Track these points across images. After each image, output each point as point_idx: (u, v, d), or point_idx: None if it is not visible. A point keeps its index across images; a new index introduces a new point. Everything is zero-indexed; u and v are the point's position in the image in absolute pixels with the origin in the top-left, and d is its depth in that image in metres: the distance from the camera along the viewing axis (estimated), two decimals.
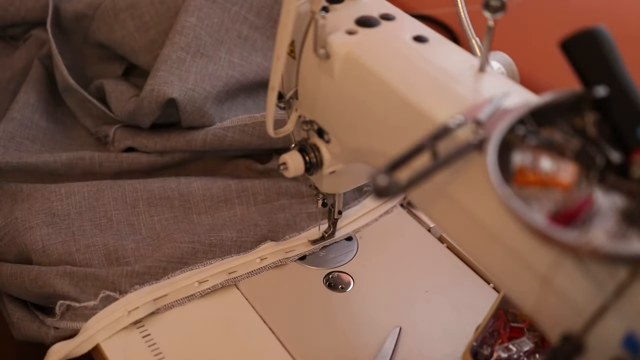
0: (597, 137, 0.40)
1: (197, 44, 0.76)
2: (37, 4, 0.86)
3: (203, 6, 0.77)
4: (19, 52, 0.87)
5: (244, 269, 0.66)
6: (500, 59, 0.57)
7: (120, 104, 0.77)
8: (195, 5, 0.77)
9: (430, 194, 0.46)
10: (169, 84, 0.73)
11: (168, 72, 0.74)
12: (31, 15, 0.86)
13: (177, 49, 0.75)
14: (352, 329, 0.63)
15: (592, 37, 0.41)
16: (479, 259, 0.46)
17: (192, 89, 0.74)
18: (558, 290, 0.37)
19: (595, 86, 0.40)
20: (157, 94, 0.72)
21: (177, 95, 0.73)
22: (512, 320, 0.56)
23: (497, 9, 0.43)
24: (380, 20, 0.53)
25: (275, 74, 0.54)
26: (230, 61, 0.79)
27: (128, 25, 0.79)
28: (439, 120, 0.44)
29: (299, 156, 0.59)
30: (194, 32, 0.76)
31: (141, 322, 0.61)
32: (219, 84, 0.77)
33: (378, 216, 0.74)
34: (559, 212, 0.36)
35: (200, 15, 0.77)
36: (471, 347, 0.56)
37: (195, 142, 0.75)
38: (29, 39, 0.88)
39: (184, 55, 0.75)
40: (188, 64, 0.75)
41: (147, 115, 0.75)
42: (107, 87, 0.79)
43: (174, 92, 0.73)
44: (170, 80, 0.73)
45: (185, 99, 0.74)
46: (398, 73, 0.49)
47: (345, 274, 0.68)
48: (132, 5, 0.79)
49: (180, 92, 0.73)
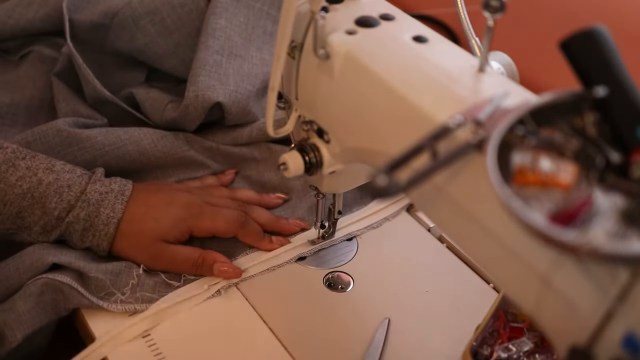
0: (597, 137, 0.39)
1: (230, 45, 0.77)
2: (37, 15, 0.83)
3: (229, 6, 0.77)
4: (22, 70, 0.83)
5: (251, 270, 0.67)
6: (500, 59, 0.57)
7: (157, 111, 0.76)
8: (222, 6, 0.77)
9: (430, 194, 0.46)
10: (212, 89, 0.73)
11: (208, 76, 0.74)
12: (31, 26, 0.83)
13: (212, 53, 0.75)
14: (351, 329, 0.63)
15: (592, 37, 0.41)
16: (479, 259, 0.46)
17: (235, 90, 0.75)
18: (558, 291, 0.37)
19: (595, 86, 0.40)
20: (202, 99, 0.73)
21: (222, 99, 0.74)
22: (512, 320, 0.56)
23: (497, 9, 0.43)
24: (380, 20, 0.53)
25: (275, 74, 0.54)
26: (261, 58, 0.80)
27: (150, 32, 0.79)
28: (439, 120, 0.44)
29: (298, 156, 0.59)
30: (225, 34, 0.76)
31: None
32: (257, 82, 0.78)
33: (381, 220, 0.74)
34: (559, 212, 0.36)
35: (227, 16, 0.77)
36: (471, 347, 0.56)
37: (241, 138, 0.76)
38: (29, 55, 0.84)
39: (219, 58, 0.75)
40: (225, 67, 0.76)
41: (192, 121, 0.75)
42: (139, 96, 0.78)
43: (219, 96, 0.73)
44: (212, 84, 0.74)
45: (230, 101, 0.74)
46: (398, 73, 0.49)
47: (345, 274, 0.68)
48: (151, 11, 0.78)
49: (225, 95, 0.74)
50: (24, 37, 0.85)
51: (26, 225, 0.63)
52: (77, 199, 0.63)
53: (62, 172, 0.64)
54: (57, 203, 0.62)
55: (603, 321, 0.35)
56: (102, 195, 0.64)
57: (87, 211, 0.63)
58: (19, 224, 0.63)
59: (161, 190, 0.68)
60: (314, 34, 0.52)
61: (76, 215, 0.63)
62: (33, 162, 0.63)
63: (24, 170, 0.62)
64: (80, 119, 0.75)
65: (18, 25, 0.83)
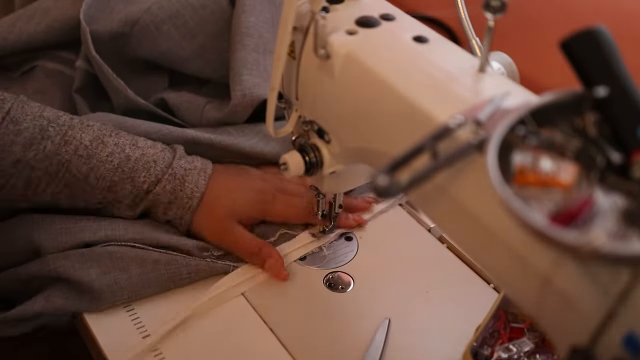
0: (597, 137, 0.39)
1: (264, 42, 0.77)
2: (39, 27, 0.81)
3: (256, 3, 0.77)
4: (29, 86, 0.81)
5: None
6: (500, 59, 0.57)
7: (195, 113, 0.77)
8: (250, 3, 0.77)
9: (431, 194, 0.46)
10: (258, 86, 0.74)
11: (251, 75, 0.74)
12: (33, 40, 0.81)
13: (250, 51, 0.75)
14: (351, 329, 0.63)
15: (592, 37, 0.41)
16: (479, 259, 0.46)
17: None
18: (558, 291, 0.37)
19: (595, 86, 0.40)
20: (250, 97, 0.73)
21: None
22: (512, 320, 0.56)
23: (497, 9, 0.43)
24: (380, 20, 0.53)
25: (276, 74, 0.54)
26: None
27: (173, 36, 0.78)
28: (439, 120, 0.44)
29: (299, 156, 0.59)
30: (257, 32, 0.76)
31: (138, 317, 0.62)
32: None
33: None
34: (559, 212, 0.36)
35: (256, 14, 0.77)
36: (471, 347, 0.56)
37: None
38: (34, 70, 0.83)
39: (257, 56, 0.76)
40: (263, 64, 0.76)
41: (240, 119, 0.76)
42: (171, 101, 0.78)
43: (266, 92, 0.73)
44: (257, 82, 0.74)
45: None
46: (398, 73, 0.49)
47: (345, 274, 0.68)
48: (173, 15, 0.78)
49: None
50: (25, 53, 0.83)
51: (118, 198, 0.66)
52: (164, 172, 0.66)
53: (146, 148, 0.67)
54: (145, 177, 0.66)
55: (604, 321, 0.35)
56: (187, 170, 0.67)
57: (173, 184, 0.66)
58: (110, 197, 0.66)
59: (239, 174, 0.72)
60: (315, 34, 0.52)
61: (163, 187, 0.66)
62: (119, 139, 0.66)
63: (113, 146, 0.65)
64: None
65: (20, 41, 0.81)
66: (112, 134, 0.66)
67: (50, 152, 0.62)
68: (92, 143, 0.64)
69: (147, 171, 0.66)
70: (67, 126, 0.63)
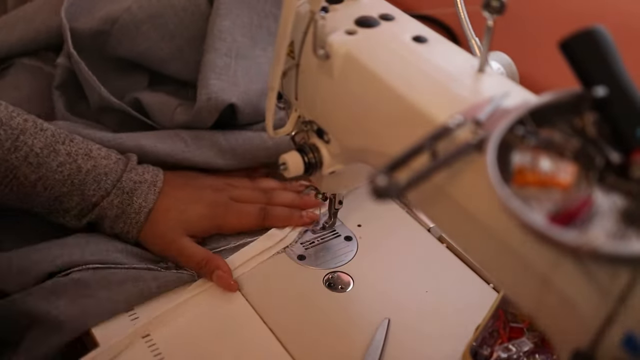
0: (597, 137, 0.39)
1: (237, 46, 0.76)
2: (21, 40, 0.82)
3: (233, 7, 0.77)
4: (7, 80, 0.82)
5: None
6: (500, 59, 0.57)
7: (166, 115, 0.76)
8: (226, 7, 0.76)
9: (430, 194, 0.46)
10: (224, 91, 0.73)
11: (218, 79, 0.74)
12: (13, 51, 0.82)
13: (220, 55, 0.75)
14: (351, 329, 0.63)
15: (592, 37, 0.41)
16: (479, 259, 0.46)
17: (245, 91, 0.75)
18: (558, 291, 0.37)
19: (594, 86, 0.40)
20: (215, 102, 0.73)
21: (236, 100, 0.73)
22: (512, 320, 0.56)
23: (497, 9, 0.43)
24: (379, 20, 0.53)
25: (275, 74, 0.54)
26: (268, 58, 0.79)
27: (152, 36, 0.78)
28: (439, 120, 0.44)
29: (298, 156, 0.59)
30: (231, 35, 0.76)
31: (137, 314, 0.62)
32: (264, 82, 0.77)
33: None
34: (559, 212, 0.36)
35: (232, 17, 0.77)
36: (471, 347, 0.56)
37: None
38: (11, 66, 0.83)
39: (228, 60, 0.75)
40: (234, 68, 0.75)
41: (205, 124, 0.75)
42: (145, 101, 0.78)
43: (232, 98, 0.73)
44: (224, 87, 0.74)
45: (243, 102, 0.74)
46: (397, 73, 0.49)
47: (345, 274, 0.68)
48: (153, 15, 0.78)
49: (238, 97, 0.74)
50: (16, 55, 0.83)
51: (64, 208, 0.65)
52: (113, 186, 0.65)
53: (99, 158, 0.66)
54: (95, 190, 0.65)
55: (604, 323, 0.35)
56: (136, 184, 0.67)
57: (121, 199, 0.65)
58: (56, 207, 0.65)
59: (188, 184, 0.70)
60: (314, 34, 0.52)
61: (110, 202, 0.65)
62: (72, 147, 0.65)
63: (65, 156, 0.64)
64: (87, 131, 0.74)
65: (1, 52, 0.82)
66: (65, 140, 0.64)
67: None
68: (43, 151, 0.62)
69: (97, 184, 0.65)
70: (19, 130, 0.62)
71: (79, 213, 0.65)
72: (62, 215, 0.65)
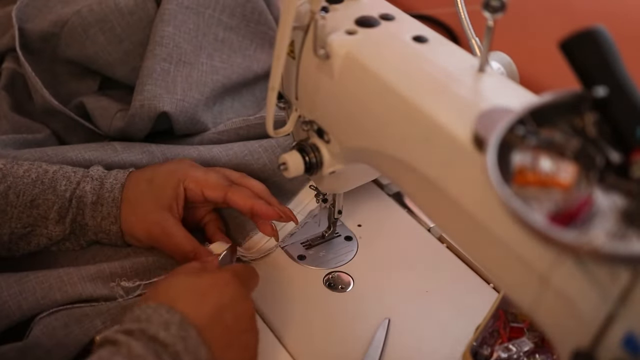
0: (597, 137, 0.39)
1: (178, 52, 0.76)
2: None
3: (177, 13, 0.76)
4: None
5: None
6: (500, 59, 0.57)
7: (106, 120, 0.76)
8: (170, 13, 0.76)
9: (430, 194, 0.46)
10: (158, 98, 0.73)
11: (154, 85, 0.73)
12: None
13: (159, 61, 0.74)
14: (351, 329, 0.63)
15: (592, 37, 0.41)
16: (479, 259, 0.46)
17: (182, 99, 0.74)
18: (558, 290, 0.37)
19: (595, 86, 0.40)
20: (148, 109, 0.72)
21: (169, 108, 0.73)
22: (512, 320, 0.56)
23: (497, 9, 0.43)
24: (380, 20, 0.53)
25: (275, 74, 0.54)
26: (212, 65, 0.79)
27: (99, 40, 0.77)
28: (439, 120, 0.44)
29: (298, 156, 0.58)
30: (174, 41, 0.75)
31: None
32: (206, 90, 0.77)
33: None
34: (559, 212, 0.36)
35: (176, 23, 0.76)
36: (471, 347, 0.56)
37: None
38: None
39: (167, 66, 0.75)
40: (173, 75, 0.75)
41: (140, 131, 0.75)
42: (89, 105, 0.77)
43: (165, 105, 0.73)
44: (159, 93, 0.73)
45: (177, 110, 0.74)
46: (398, 73, 0.49)
47: (345, 274, 0.68)
48: (100, 19, 0.77)
49: (171, 105, 0.73)
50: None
51: (42, 214, 0.64)
52: (83, 176, 0.66)
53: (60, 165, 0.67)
54: (66, 185, 0.65)
55: (604, 323, 0.35)
56: (104, 173, 0.67)
57: (92, 185, 0.66)
58: (35, 214, 0.64)
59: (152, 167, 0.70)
60: (314, 34, 0.52)
61: (83, 189, 0.65)
62: (32, 164, 0.66)
63: (28, 164, 0.66)
64: (22, 135, 0.75)
65: None
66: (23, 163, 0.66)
67: None
68: (5, 165, 0.64)
69: (67, 180, 0.65)
70: None
71: (59, 214, 0.64)
72: (44, 224, 0.64)
